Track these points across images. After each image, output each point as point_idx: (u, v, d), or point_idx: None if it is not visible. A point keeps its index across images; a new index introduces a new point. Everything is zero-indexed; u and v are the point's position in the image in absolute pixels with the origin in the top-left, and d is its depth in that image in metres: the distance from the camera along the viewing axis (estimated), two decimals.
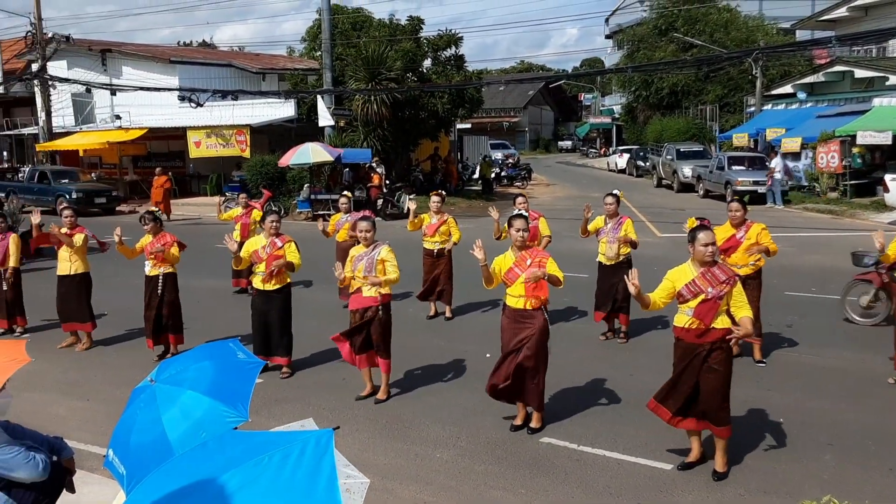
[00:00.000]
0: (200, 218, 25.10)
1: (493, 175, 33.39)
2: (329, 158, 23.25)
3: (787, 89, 31.85)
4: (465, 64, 29.74)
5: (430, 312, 11.09)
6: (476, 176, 34.34)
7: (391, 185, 25.94)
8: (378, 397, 7.63)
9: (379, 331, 7.40)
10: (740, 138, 31.55)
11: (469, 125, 39.48)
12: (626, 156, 43.22)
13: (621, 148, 47.86)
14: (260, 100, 29.92)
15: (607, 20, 63.84)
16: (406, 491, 5.78)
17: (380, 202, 23.84)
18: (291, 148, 23.94)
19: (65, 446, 4.31)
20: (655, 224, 20.80)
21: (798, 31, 40.26)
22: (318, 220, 12.45)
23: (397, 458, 6.36)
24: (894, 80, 25.97)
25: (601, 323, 9.83)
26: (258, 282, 8.30)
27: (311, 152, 22.94)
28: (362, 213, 12.06)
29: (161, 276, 9.09)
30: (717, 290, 5.64)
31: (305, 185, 24.78)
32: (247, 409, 3.35)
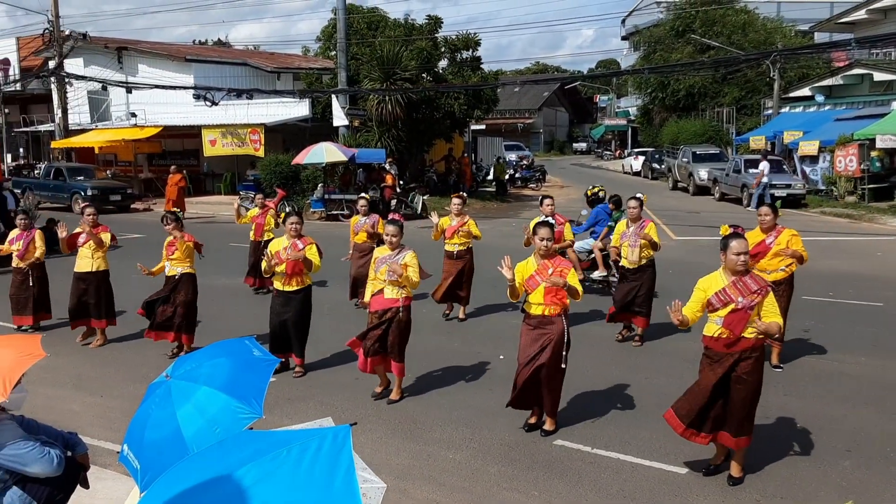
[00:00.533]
0: (214, 216, 25.19)
1: (506, 176, 33.33)
2: (343, 158, 23.26)
3: (805, 92, 31.63)
4: (481, 64, 29.70)
5: (446, 311, 11.05)
6: (490, 177, 34.30)
7: (405, 185, 25.94)
8: (391, 398, 7.61)
9: (397, 332, 7.36)
10: (757, 141, 31.34)
11: (483, 126, 39.45)
12: (642, 158, 43.04)
13: (636, 150, 47.68)
14: (275, 99, 30.00)
15: (623, 21, 63.58)
16: (419, 491, 5.75)
17: (393, 202, 23.83)
18: (306, 147, 23.97)
19: (79, 442, 4.32)
20: (671, 227, 20.68)
21: (816, 33, 39.92)
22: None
23: (410, 459, 6.33)
24: None
25: (617, 325, 9.77)
26: (279, 282, 8.30)
27: (325, 152, 22.96)
28: (377, 215, 12.10)
29: (179, 275, 9.10)
30: (748, 300, 5.53)
31: (319, 185, 24.81)
32: (261, 406, 3.34)
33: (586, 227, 12.55)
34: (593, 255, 12.21)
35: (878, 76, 27.44)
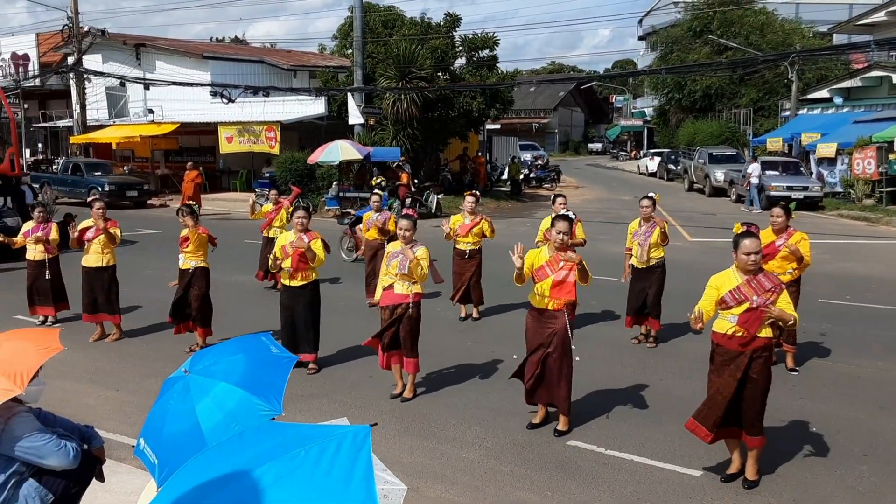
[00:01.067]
0: (230, 213, 25.30)
1: (521, 176, 33.28)
2: (358, 156, 23.30)
3: (824, 94, 31.39)
4: (498, 64, 29.65)
5: (462, 314, 11.01)
6: (504, 177, 34.25)
7: (419, 184, 25.94)
8: (405, 395, 7.62)
9: (408, 328, 7.38)
10: (774, 143, 31.15)
11: (499, 126, 39.38)
12: (657, 159, 42.86)
13: (652, 151, 47.49)
14: (291, 96, 30.10)
15: (640, 21, 63.39)
16: (432, 490, 5.75)
17: (408, 201, 23.83)
18: (321, 145, 24.04)
19: (95, 435, 4.34)
20: (686, 228, 20.60)
21: (835, 34, 39.61)
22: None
23: (423, 457, 6.34)
24: None
25: (632, 328, 9.73)
26: (285, 277, 8.33)
27: (340, 150, 23.01)
28: (389, 212, 12.13)
29: (192, 269, 9.15)
30: (763, 298, 5.49)
31: (334, 183, 24.86)
32: (280, 403, 3.34)
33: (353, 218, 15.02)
34: None
35: None
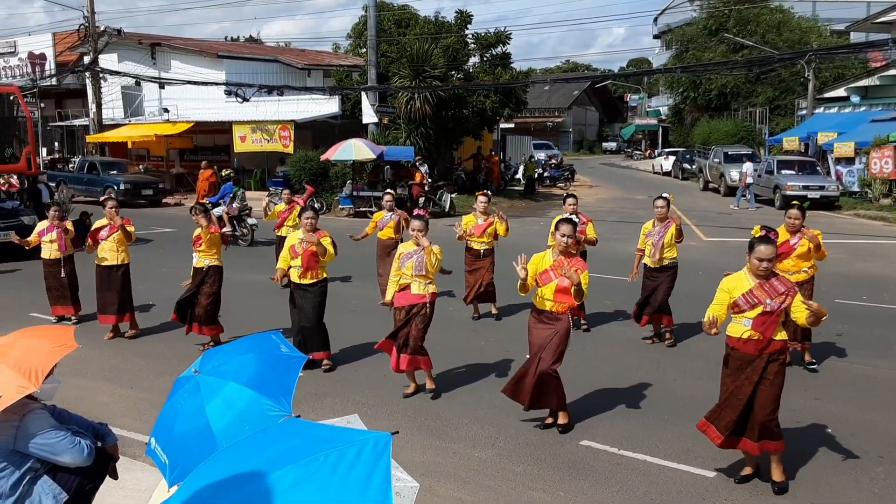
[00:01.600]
0: None
1: (535, 175, 33.21)
2: (371, 155, 23.32)
3: (841, 92, 31.14)
4: (511, 62, 29.55)
5: (475, 314, 11.00)
6: (519, 175, 34.18)
7: (433, 183, 25.94)
8: (429, 387, 7.69)
9: (420, 326, 7.39)
10: (790, 142, 30.92)
11: (513, 125, 39.32)
12: (672, 158, 42.64)
13: (667, 150, 47.24)
14: (305, 96, 30.16)
15: (656, 20, 62.99)
16: (444, 489, 5.74)
17: (421, 200, 23.84)
18: (335, 144, 24.10)
19: (109, 432, 4.36)
20: (701, 228, 20.49)
21: (852, 33, 39.25)
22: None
23: (436, 456, 6.33)
24: None
25: (645, 327, 9.68)
26: (295, 276, 8.35)
27: (354, 149, 23.06)
28: (402, 211, 12.11)
29: (206, 268, 9.18)
30: (777, 301, 5.43)
31: (348, 182, 24.90)
32: (290, 403, 3.34)
33: (216, 199, 18.46)
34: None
35: None
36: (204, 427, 3.26)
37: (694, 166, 37.58)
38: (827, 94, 32.05)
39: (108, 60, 33.25)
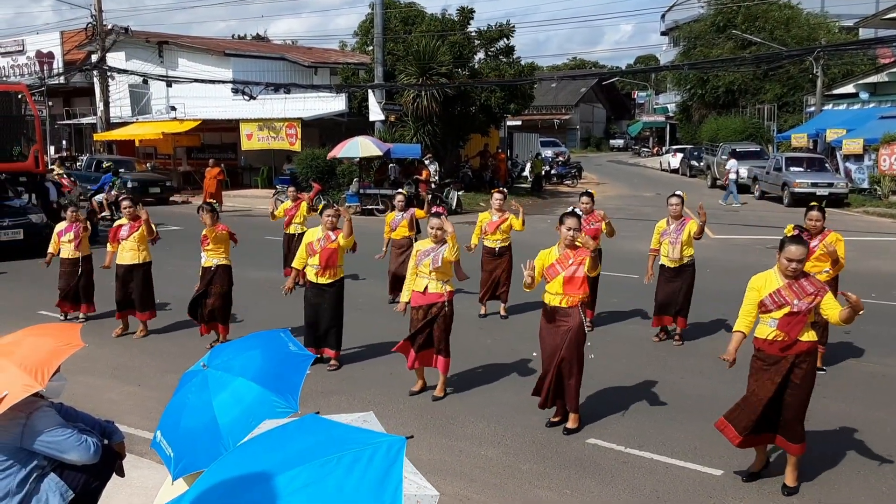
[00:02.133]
0: (251, 210, 25.43)
1: (542, 172, 33.15)
2: (377, 152, 23.31)
3: (849, 89, 31.00)
4: (516, 56, 29.44)
5: (482, 311, 10.97)
6: (525, 173, 34.13)
7: (440, 180, 25.93)
8: (436, 394, 7.58)
9: (442, 327, 7.35)
10: (799, 139, 30.79)
11: (519, 122, 39.27)
12: (680, 155, 42.50)
13: (675, 147, 47.11)
14: (311, 93, 30.17)
15: (663, 16, 62.82)
16: (450, 487, 5.74)
17: (429, 197, 23.81)
18: (341, 141, 24.10)
19: (116, 430, 4.37)
20: (708, 225, 20.34)
21: (861, 29, 39.12)
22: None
23: (442, 454, 6.33)
24: None
25: (655, 326, 9.66)
26: (312, 274, 8.34)
27: (360, 146, 23.05)
28: (414, 209, 12.07)
29: (214, 267, 9.19)
30: (805, 302, 5.32)
31: (354, 180, 24.91)
32: (296, 401, 3.34)
33: (96, 187, 21.94)
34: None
35: None
36: (210, 421, 3.26)
37: (702, 163, 37.46)
38: (836, 91, 31.91)
39: (115, 59, 33.34)
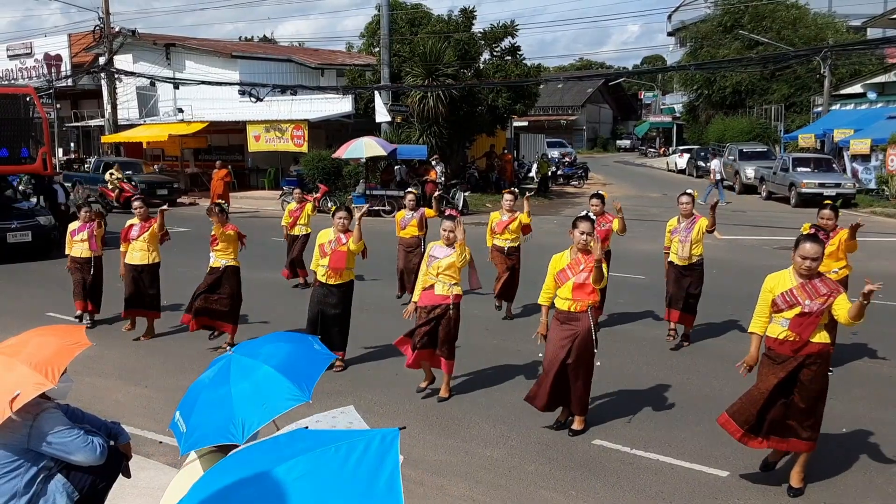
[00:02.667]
0: (258, 211, 25.49)
1: (548, 173, 33.11)
2: (382, 153, 23.32)
3: (857, 89, 30.91)
4: (521, 56, 29.37)
5: (498, 304, 10.98)
6: (532, 174, 34.09)
7: (446, 181, 25.94)
8: (441, 395, 7.59)
9: (447, 329, 7.35)
10: (806, 139, 30.70)
11: (526, 122, 39.23)
12: (687, 156, 42.40)
13: (681, 148, 47.00)
14: (318, 95, 30.24)
15: (670, 17, 62.72)
16: (455, 488, 5.75)
17: (436, 194, 23.81)
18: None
19: (122, 431, 4.39)
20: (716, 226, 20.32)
21: (869, 28, 38.92)
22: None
23: (447, 455, 6.33)
24: None
25: (663, 324, 9.63)
26: (321, 274, 8.37)
27: (365, 147, 23.07)
28: (423, 209, 12.10)
29: (223, 267, 9.21)
30: (817, 303, 5.28)
31: (361, 181, 24.94)
32: (310, 391, 3.57)
33: None
34: None
35: None
36: (225, 396, 3.51)
37: (708, 164, 37.37)
38: (843, 91, 31.82)
39: (123, 61, 33.46)
